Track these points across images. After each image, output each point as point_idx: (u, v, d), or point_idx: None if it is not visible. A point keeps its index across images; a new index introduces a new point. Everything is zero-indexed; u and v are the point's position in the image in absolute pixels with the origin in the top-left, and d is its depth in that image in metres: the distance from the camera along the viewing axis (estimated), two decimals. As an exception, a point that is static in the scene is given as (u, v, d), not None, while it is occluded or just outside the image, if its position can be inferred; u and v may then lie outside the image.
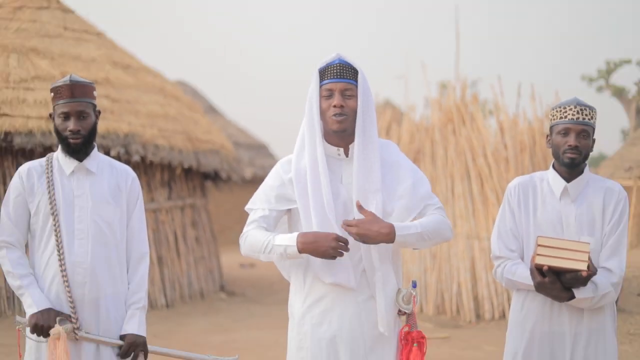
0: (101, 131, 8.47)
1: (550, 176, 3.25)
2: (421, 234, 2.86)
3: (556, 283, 3.01)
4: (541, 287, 3.05)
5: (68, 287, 3.07)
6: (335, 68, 2.92)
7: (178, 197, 10.34)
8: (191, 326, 8.31)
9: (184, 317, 8.91)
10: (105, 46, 10.20)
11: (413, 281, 2.91)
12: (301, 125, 2.98)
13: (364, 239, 2.80)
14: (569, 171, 3.18)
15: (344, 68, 2.92)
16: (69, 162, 3.17)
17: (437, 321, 8.40)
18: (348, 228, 2.80)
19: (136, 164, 9.10)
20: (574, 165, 3.15)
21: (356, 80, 2.93)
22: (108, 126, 8.81)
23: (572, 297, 3.04)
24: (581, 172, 3.20)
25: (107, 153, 8.44)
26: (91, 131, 3.16)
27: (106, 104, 8.95)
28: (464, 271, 8.62)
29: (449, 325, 8.28)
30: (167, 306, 9.51)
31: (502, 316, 8.29)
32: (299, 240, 2.81)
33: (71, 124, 3.11)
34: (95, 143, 3.23)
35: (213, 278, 10.87)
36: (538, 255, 2.98)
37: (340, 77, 2.90)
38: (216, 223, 14.19)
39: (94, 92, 3.20)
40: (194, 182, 10.95)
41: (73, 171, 3.18)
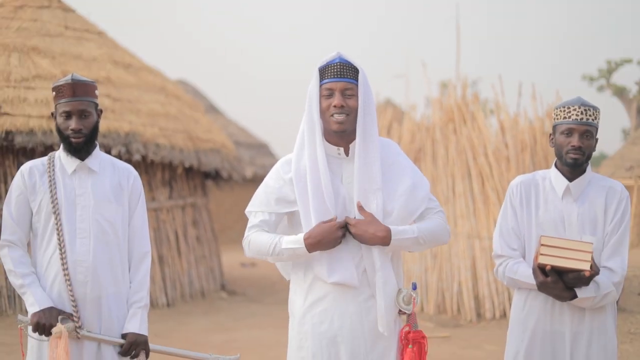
0: (102, 130, 8.47)
1: (552, 175, 3.25)
2: (417, 239, 2.88)
3: (559, 283, 3.02)
4: (544, 287, 3.05)
5: (70, 286, 3.08)
6: (335, 67, 2.90)
7: (179, 196, 10.34)
8: (192, 325, 8.30)
9: (185, 316, 8.91)
10: (106, 45, 10.20)
11: (413, 283, 2.92)
12: (301, 123, 2.97)
13: (360, 240, 2.84)
14: (572, 170, 3.18)
15: (345, 67, 2.90)
16: (71, 161, 3.18)
17: (438, 320, 8.40)
18: (348, 226, 2.85)
19: (137, 163, 9.09)
20: (577, 165, 3.15)
21: (357, 79, 2.91)
22: (109, 125, 8.81)
23: (575, 297, 3.04)
24: (583, 172, 3.20)
25: (108, 152, 8.44)
26: (93, 130, 3.17)
27: (107, 103, 8.95)
28: (465, 270, 8.61)
29: (450, 324, 8.27)
30: (168, 305, 9.50)
31: (503, 315, 8.29)
32: (307, 242, 2.83)
33: (73, 123, 3.11)
34: (97, 142, 3.23)
35: (214, 277, 10.86)
36: (541, 255, 2.98)
37: (340, 77, 2.88)
38: (217, 222, 14.19)
39: (96, 91, 3.20)
40: (195, 181, 10.95)
41: (75, 170, 3.18)
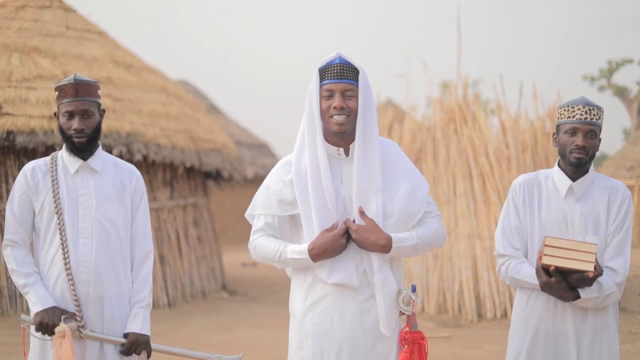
0: (103, 130, 8.44)
1: (555, 174, 3.25)
2: (416, 246, 2.91)
3: (562, 283, 3.02)
4: (547, 287, 3.05)
5: (72, 286, 3.08)
6: (335, 68, 2.88)
7: (180, 196, 10.34)
8: (193, 325, 8.31)
9: (186, 316, 8.91)
10: (107, 45, 10.20)
11: (412, 285, 2.93)
12: (301, 123, 2.96)
13: (361, 246, 2.85)
14: (575, 170, 3.18)
15: (345, 68, 2.89)
16: (74, 161, 3.18)
17: (439, 320, 8.40)
18: (349, 231, 2.85)
19: (138, 163, 9.09)
20: (581, 165, 3.15)
21: (357, 79, 2.90)
22: (110, 125, 8.82)
23: (578, 297, 3.04)
24: (586, 171, 3.20)
25: (109, 152, 8.44)
26: (95, 130, 3.17)
27: (108, 103, 8.96)
28: (466, 270, 8.61)
29: (451, 324, 8.27)
30: (169, 305, 9.50)
31: (504, 315, 8.28)
32: (312, 253, 2.84)
33: (75, 123, 3.11)
34: (99, 142, 3.24)
35: (215, 277, 10.87)
36: (545, 255, 2.98)
37: (340, 78, 2.87)
38: (218, 222, 14.20)
39: (99, 91, 3.20)
40: (196, 181, 10.95)
41: (77, 170, 3.18)
